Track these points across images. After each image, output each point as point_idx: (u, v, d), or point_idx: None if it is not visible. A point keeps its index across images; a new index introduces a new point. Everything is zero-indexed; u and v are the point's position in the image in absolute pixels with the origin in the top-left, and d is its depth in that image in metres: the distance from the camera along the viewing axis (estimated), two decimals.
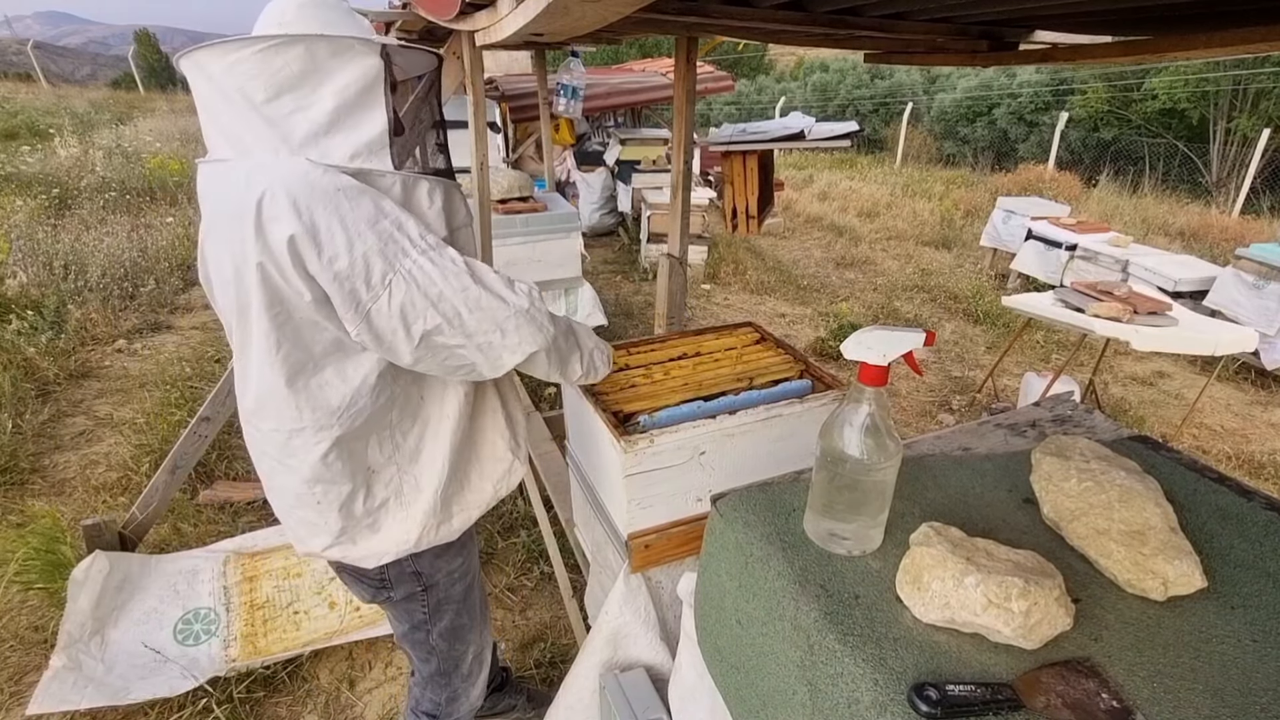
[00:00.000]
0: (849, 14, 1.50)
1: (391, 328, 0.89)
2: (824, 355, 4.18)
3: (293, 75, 0.83)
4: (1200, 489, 0.96)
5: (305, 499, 1.02)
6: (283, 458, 1.00)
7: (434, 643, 1.27)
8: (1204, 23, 1.31)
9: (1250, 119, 11.12)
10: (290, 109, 0.85)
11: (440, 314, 0.90)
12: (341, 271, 0.84)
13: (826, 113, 16.53)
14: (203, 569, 2.15)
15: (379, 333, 0.89)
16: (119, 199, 6.16)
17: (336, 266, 0.84)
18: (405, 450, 1.06)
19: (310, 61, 0.83)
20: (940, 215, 8.02)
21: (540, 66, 3.99)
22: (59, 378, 3.38)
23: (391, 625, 1.32)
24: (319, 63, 0.84)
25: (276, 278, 0.85)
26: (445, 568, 1.21)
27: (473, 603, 1.30)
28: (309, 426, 0.96)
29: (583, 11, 0.83)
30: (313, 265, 0.84)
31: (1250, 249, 4.22)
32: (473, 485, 1.15)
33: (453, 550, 1.20)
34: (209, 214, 0.94)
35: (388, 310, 0.87)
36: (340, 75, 0.85)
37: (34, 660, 1.91)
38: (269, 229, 0.82)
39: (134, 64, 17.93)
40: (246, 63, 0.82)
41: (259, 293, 0.86)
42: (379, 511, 1.06)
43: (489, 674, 1.44)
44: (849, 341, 0.82)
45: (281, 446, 0.98)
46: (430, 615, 1.23)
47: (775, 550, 0.83)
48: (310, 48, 0.83)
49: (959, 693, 0.63)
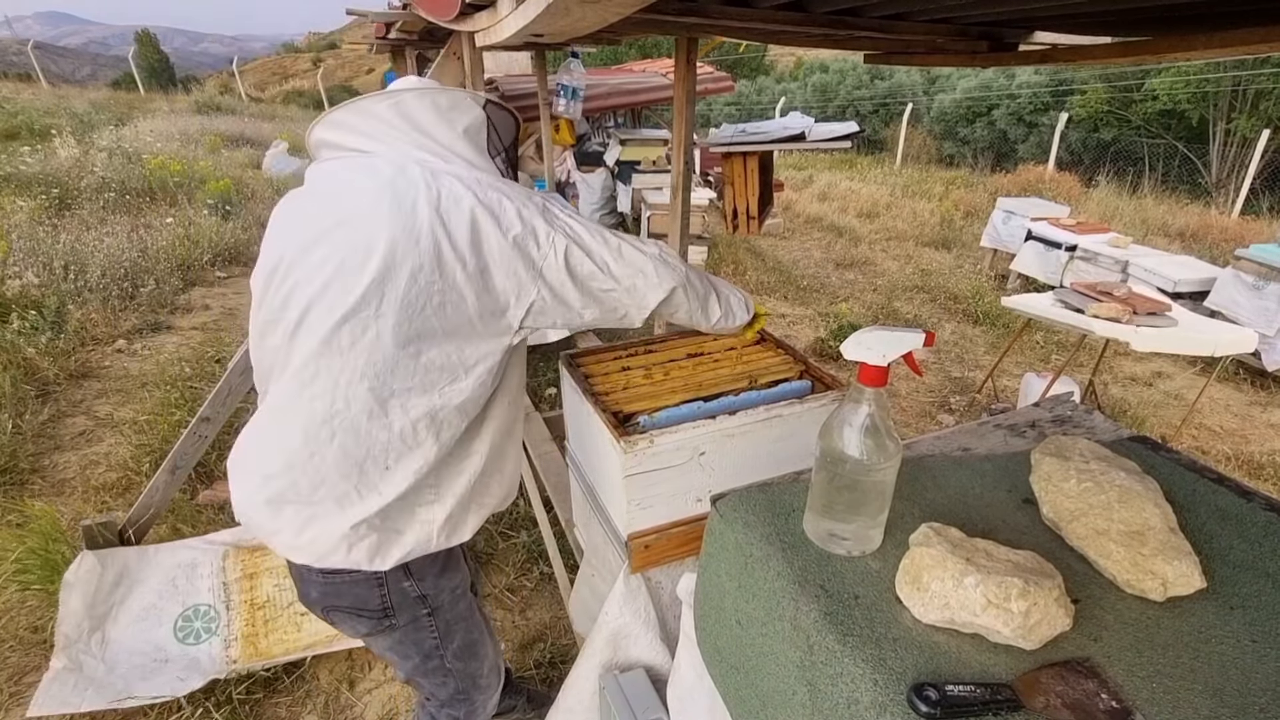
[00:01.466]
0: (849, 14, 1.50)
1: (561, 280, 1.04)
2: (824, 356, 4.19)
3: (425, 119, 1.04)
4: (1200, 489, 0.96)
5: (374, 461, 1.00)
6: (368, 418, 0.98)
7: (450, 665, 1.25)
8: (1203, 23, 1.31)
9: (1250, 120, 11.13)
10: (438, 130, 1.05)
11: (594, 263, 1.06)
12: (518, 236, 1.00)
13: (826, 113, 16.54)
14: (201, 562, 2.13)
15: (553, 286, 1.03)
16: (119, 199, 6.17)
17: (513, 233, 1.00)
18: (463, 439, 1.09)
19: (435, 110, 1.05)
20: (940, 216, 8.03)
21: (540, 67, 3.99)
22: (59, 378, 3.38)
23: (395, 665, 1.27)
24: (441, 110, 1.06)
25: (446, 247, 0.96)
26: (448, 585, 1.19)
27: (476, 616, 1.29)
28: (415, 388, 0.99)
29: (583, 12, 0.83)
30: (491, 237, 0.98)
31: (1250, 250, 4.22)
32: (491, 490, 1.17)
33: (451, 566, 1.19)
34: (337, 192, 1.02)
35: (556, 264, 1.02)
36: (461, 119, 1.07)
37: (33, 661, 1.91)
38: (449, 209, 0.97)
39: (134, 64, 17.96)
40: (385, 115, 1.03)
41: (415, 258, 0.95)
42: (423, 492, 1.06)
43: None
44: (849, 342, 0.82)
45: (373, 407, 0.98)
46: (442, 638, 1.21)
47: (775, 551, 0.83)
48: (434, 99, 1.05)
49: (958, 693, 0.63)
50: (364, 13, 3.55)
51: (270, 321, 1.02)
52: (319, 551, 1.02)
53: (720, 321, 1.30)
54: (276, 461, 1.00)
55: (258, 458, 1.04)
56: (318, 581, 1.09)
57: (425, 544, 1.08)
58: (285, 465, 0.99)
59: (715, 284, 1.28)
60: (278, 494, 1.00)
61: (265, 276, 1.03)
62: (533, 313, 1.03)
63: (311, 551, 1.03)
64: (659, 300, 1.13)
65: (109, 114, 11.23)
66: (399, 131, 1.02)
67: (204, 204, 6.18)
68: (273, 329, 1.02)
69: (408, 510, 1.05)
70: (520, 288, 1.01)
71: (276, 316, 1.00)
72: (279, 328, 1.00)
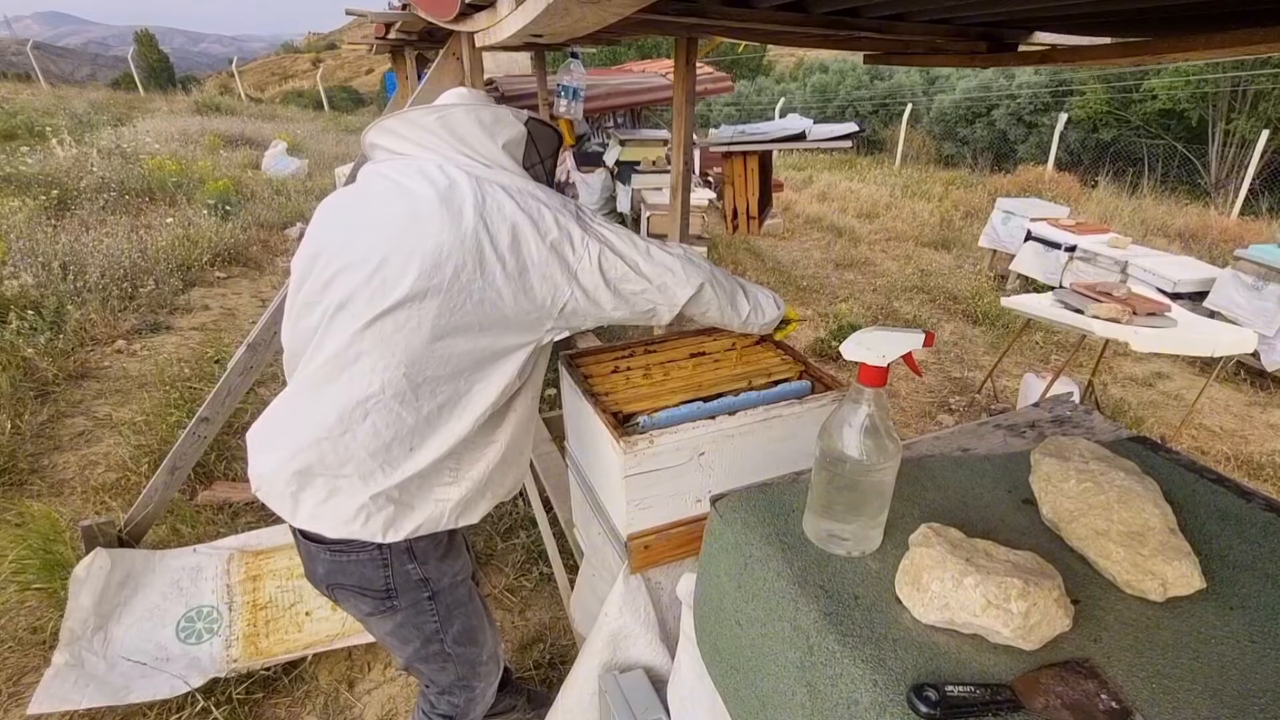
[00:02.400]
0: (848, 15, 1.50)
1: (595, 282, 1.09)
2: (823, 356, 4.19)
3: (469, 133, 1.10)
4: (1199, 490, 0.96)
5: (400, 442, 1.05)
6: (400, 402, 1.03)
7: (450, 650, 1.27)
8: (1202, 24, 1.31)
9: (1249, 120, 11.13)
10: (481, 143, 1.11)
11: (626, 264, 1.11)
12: (555, 240, 1.06)
13: (826, 114, 16.54)
14: (206, 566, 2.14)
15: (586, 288, 1.09)
16: (118, 200, 6.16)
17: (550, 237, 1.05)
18: (485, 426, 1.13)
19: (479, 125, 1.11)
20: (939, 216, 8.03)
21: (540, 68, 3.99)
22: (58, 378, 3.38)
23: (395, 651, 1.30)
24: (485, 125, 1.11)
25: (488, 248, 1.02)
26: (449, 570, 1.21)
27: (476, 603, 1.32)
28: (445, 376, 1.05)
29: (583, 13, 0.83)
30: (530, 241, 1.04)
31: (1249, 250, 4.22)
32: (506, 479, 1.21)
33: (453, 552, 1.22)
34: (387, 192, 1.06)
35: (590, 266, 1.08)
36: (503, 134, 1.13)
37: (32, 661, 1.90)
38: (492, 213, 1.03)
39: (133, 64, 17.96)
40: (432, 127, 1.09)
41: (459, 257, 1.00)
42: (443, 473, 1.11)
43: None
44: (848, 342, 0.82)
45: (406, 392, 1.03)
46: (442, 622, 1.24)
47: (775, 551, 0.83)
48: (479, 114, 1.11)
49: (958, 694, 0.63)
50: (364, 13, 3.55)
51: (309, 303, 1.07)
52: (338, 520, 1.07)
53: (751, 317, 1.33)
54: (308, 435, 1.05)
55: (290, 430, 1.08)
56: (325, 558, 1.13)
57: (436, 521, 1.11)
58: (315, 439, 1.04)
59: (743, 282, 1.33)
60: (307, 466, 1.05)
61: (307, 261, 1.08)
62: (565, 313, 1.09)
63: (331, 520, 1.07)
64: (688, 296, 1.18)
65: (108, 114, 11.22)
66: (445, 143, 1.09)
67: (203, 204, 6.18)
68: (310, 310, 1.07)
69: (426, 488, 1.10)
70: (555, 289, 1.06)
71: (317, 298, 1.06)
72: (317, 309, 1.06)
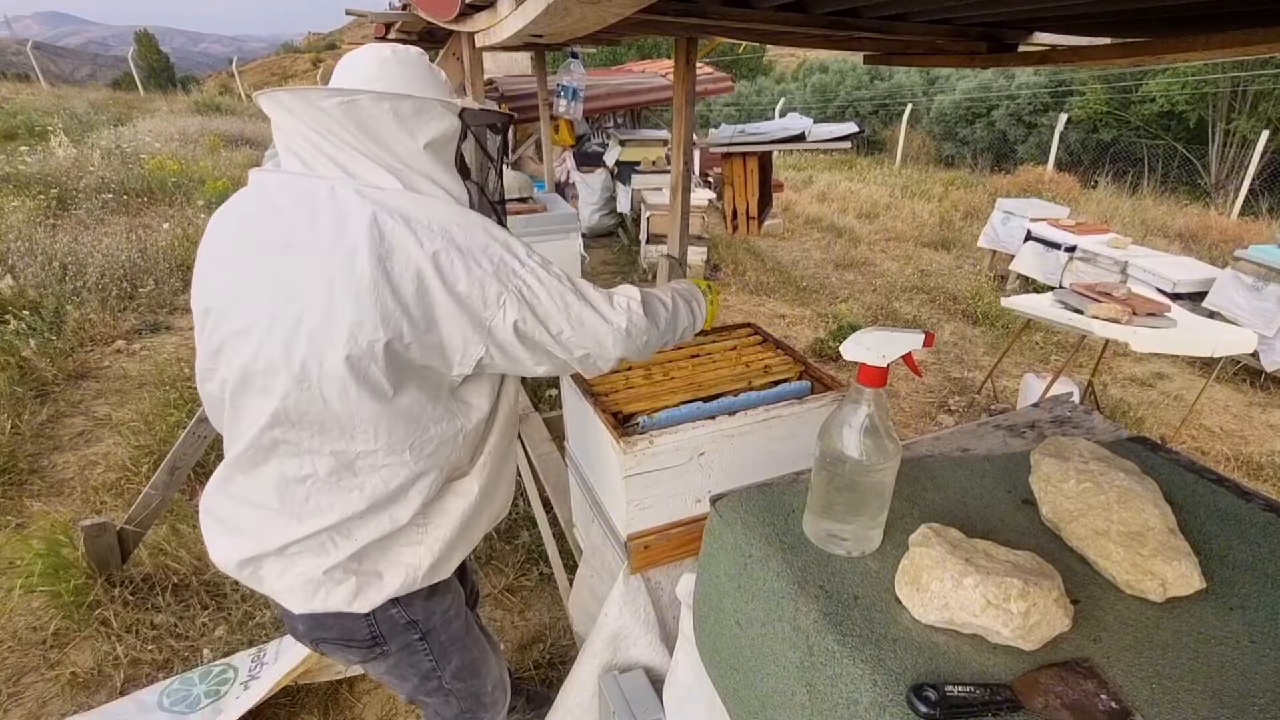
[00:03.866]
0: (848, 15, 1.50)
1: (508, 340, 0.96)
2: (823, 356, 4.18)
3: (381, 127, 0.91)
4: (1199, 490, 0.96)
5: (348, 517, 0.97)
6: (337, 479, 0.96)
7: (450, 685, 1.22)
8: (1202, 24, 1.31)
9: (1249, 121, 11.13)
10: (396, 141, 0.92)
11: (548, 330, 0.98)
12: (463, 294, 0.91)
13: (826, 114, 16.54)
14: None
15: (501, 345, 0.96)
16: (117, 200, 6.16)
17: (458, 289, 0.90)
18: (451, 481, 1.06)
19: (395, 118, 0.91)
20: (939, 216, 8.03)
21: (540, 68, 3.99)
22: (57, 378, 3.38)
23: (395, 689, 1.25)
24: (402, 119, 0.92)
25: (389, 300, 0.88)
26: (438, 609, 1.14)
27: (475, 634, 1.26)
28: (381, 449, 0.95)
29: (583, 13, 0.83)
30: (438, 293, 0.89)
31: (1249, 250, 4.22)
32: (481, 525, 1.14)
33: (440, 590, 1.15)
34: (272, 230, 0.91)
35: (503, 325, 0.94)
36: (426, 130, 0.94)
37: (32, 661, 1.90)
38: (391, 258, 0.87)
39: (133, 64, 17.95)
40: (333, 113, 0.89)
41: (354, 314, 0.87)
42: (410, 532, 1.03)
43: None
44: (848, 342, 0.82)
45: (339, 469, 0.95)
46: (438, 660, 1.18)
47: (774, 551, 0.83)
48: (395, 106, 0.90)
49: (958, 694, 0.63)
50: (363, 13, 3.54)
51: (207, 370, 0.98)
52: (300, 596, 1.01)
53: (686, 333, 1.24)
54: (250, 520, 0.99)
55: (234, 514, 1.02)
56: (302, 617, 1.06)
57: (410, 585, 1.05)
58: (258, 524, 0.99)
59: (676, 314, 1.18)
60: (255, 554, 0.99)
61: (200, 311, 0.97)
62: (481, 365, 0.97)
63: (290, 597, 1.01)
64: (612, 365, 1.08)
65: (108, 114, 11.21)
66: (348, 137, 0.90)
67: (203, 204, 6.18)
68: (210, 376, 0.98)
69: (390, 552, 1.02)
70: (466, 344, 0.94)
71: (211, 365, 0.96)
72: (215, 378, 0.97)
